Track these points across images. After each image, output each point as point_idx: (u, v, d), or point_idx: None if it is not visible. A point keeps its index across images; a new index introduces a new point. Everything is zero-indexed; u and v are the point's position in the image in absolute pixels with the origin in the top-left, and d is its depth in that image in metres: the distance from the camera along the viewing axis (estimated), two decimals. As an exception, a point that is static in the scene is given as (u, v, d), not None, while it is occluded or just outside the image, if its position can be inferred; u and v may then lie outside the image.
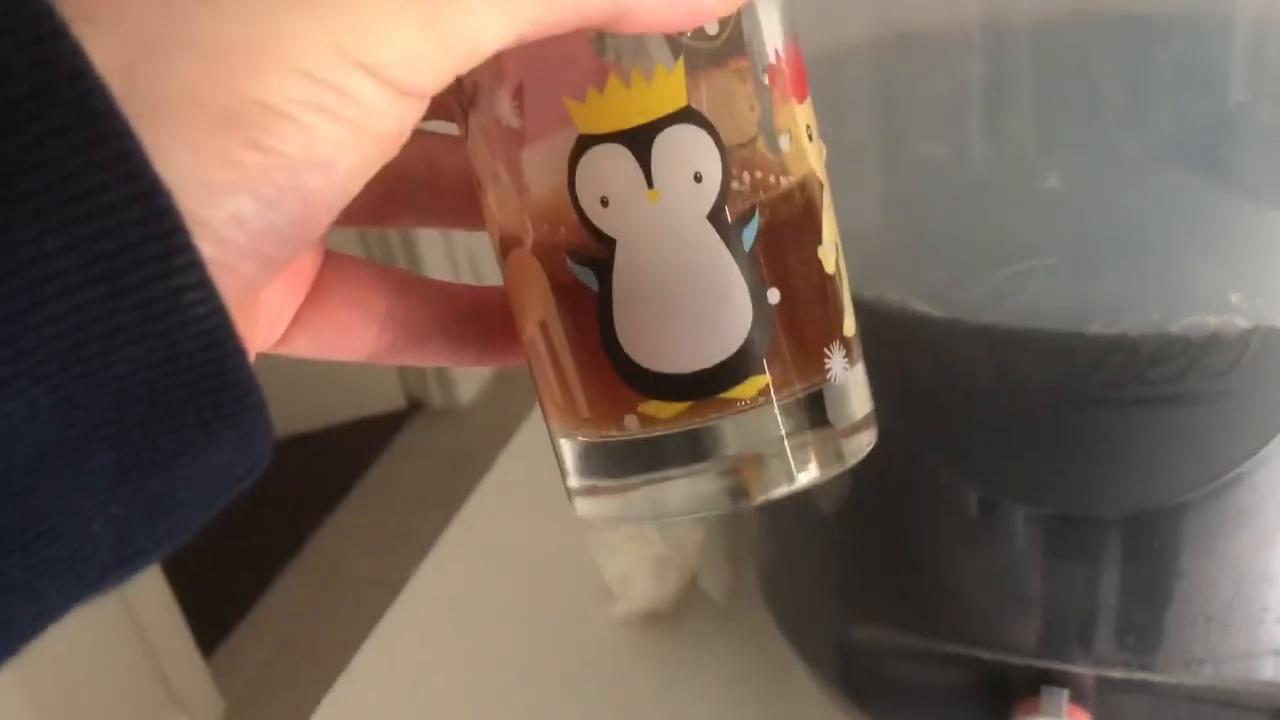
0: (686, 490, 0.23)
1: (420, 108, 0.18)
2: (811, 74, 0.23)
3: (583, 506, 0.24)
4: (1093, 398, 0.32)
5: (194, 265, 0.16)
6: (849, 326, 0.24)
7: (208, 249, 0.16)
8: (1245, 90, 0.29)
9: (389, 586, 0.67)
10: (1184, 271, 0.32)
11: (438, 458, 2.09)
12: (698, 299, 0.21)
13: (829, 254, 0.23)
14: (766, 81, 0.22)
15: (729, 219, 0.21)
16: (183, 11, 0.16)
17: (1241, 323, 0.31)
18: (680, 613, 0.59)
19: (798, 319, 0.22)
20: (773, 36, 0.22)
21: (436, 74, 0.18)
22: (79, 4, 0.16)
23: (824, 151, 0.23)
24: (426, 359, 0.26)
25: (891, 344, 0.34)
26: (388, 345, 0.25)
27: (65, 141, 0.15)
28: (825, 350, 0.23)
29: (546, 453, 0.25)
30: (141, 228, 0.15)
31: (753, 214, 0.21)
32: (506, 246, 0.23)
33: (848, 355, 0.23)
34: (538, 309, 0.23)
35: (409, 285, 0.25)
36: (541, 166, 0.22)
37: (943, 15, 0.32)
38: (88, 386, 0.15)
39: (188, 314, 0.16)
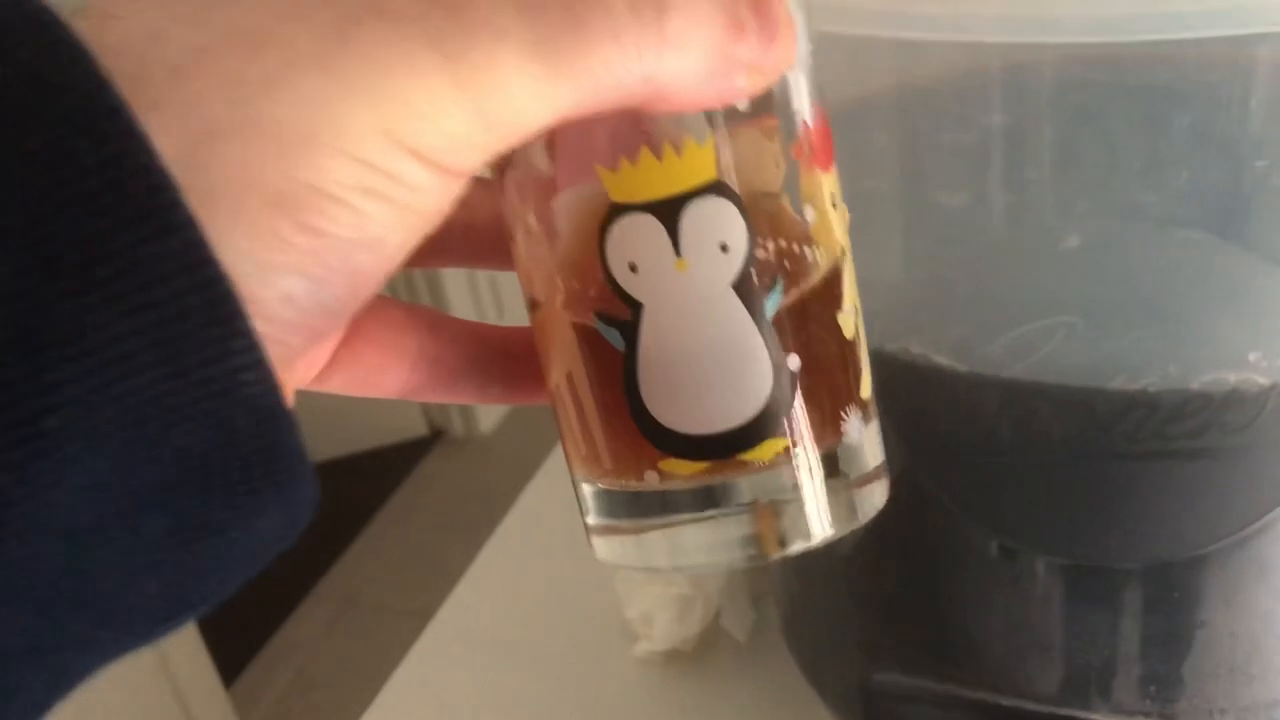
0: (703, 539, 0.23)
1: (463, 183, 0.19)
2: (834, 128, 0.24)
3: (601, 547, 0.25)
4: (1113, 451, 0.33)
5: (251, 347, 0.16)
6: (865, 388, 0.24)
7: (260, 325, 0.17)
8: (1262, 155, 0.30)
9: (410, 616, 0.67)
10: (1203, 330, 0.32)
11: (459, 486, 2.10)
12: (721, 365, 0.22)
13: (849, 320, 0.24)
14: (793, 153, 0.23)
15: (753, 288, 0.22)
16: (244, 99, 0.17)
17: (1260, 380, 0.31)
18: (702, 652, 0.59)
19: (817, 384, 0.23)
20: (801, 106, 0.23)
21: (480, 153, 0.19)
22: (146, 89, 0.16)
23: (847, 216, 0.24)
24: (455, 397, 0.27)
25: (915, 396, 0.35)
26: (419, 384, 0.26)
27: (134, 233, 0.15)
28: (842, 414, 0.23)
29: (570, 490, 0.26)
30: (203, 314, 0.16)
31: (776, 283, 0.22)
32: (536, 299, 0.24)
33: (864, 416, 0.24)
34: (564, 362, 0.24)
35: (439, 325, 0.26)
36: (573, 228, 0.23)
37: (962, 77, 0.32)
38: (148, 459, 0.16)
39: (244, 392, 0.17)
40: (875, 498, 0.24)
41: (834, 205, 0.23)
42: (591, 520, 0.25)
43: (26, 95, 0.15)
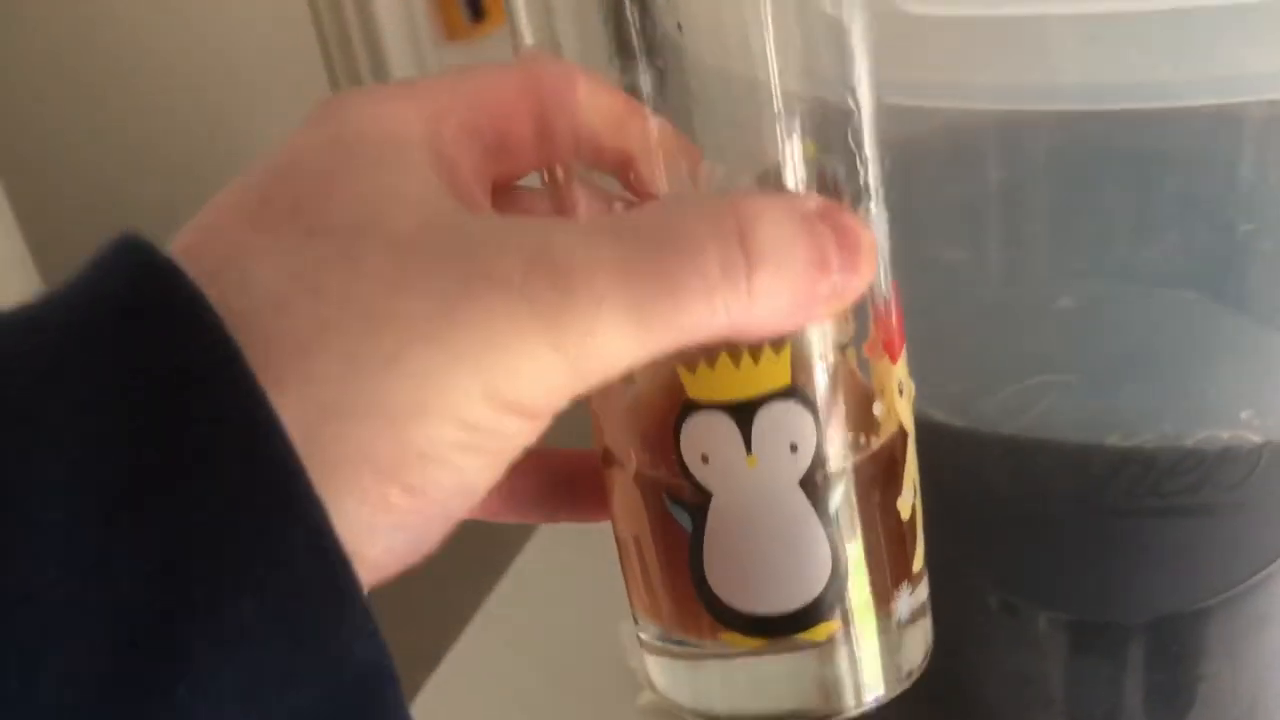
0: (757, 688, 0.24)
1: (549, 419, 0.20)
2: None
3: (654, 668, 0.26)
4: (1109, 507, 0.33)
5: (363, 617, 0.17)
6: (918, 561, 0.25)
7: (362, 573, 0.18)
8: (1250, 219, 0.30)
9: (413, 665, 0.67)
10: (1196, 388, 0.33)
11: (464, 533, 2.09)
12: (783, 554, 0.23)
13: (907, 502, 0.25)
14: (865, 351, 0.23)
15: (818, 486, 0.23)
16: (363, 377, 0.18)
17: (1253, 438, 0.32)
18: (706, 702, 0.59)
19: (872, 568, 0.24)
20: (875, 302, 0.23)
21: (569, 396, 0.20)
22: (273, 367, 0.17)
23: (913, 393, 0.25)
24: (524, 519, 0.27)
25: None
26: (494, 511, 0.26)
27: (267, 522, 0.17)
28: (895, 592, 0.24)
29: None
30: (323, 593, 0.17)
31: (841, 478, 0.23)
32: (609, 452, 0.25)
33: (913, 588, 0.25)
34: (632, 525, 0.25)
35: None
36: (649, 411, 0.23)
37: (955, 138, 0.33)
38: (261, 718, 0.17)
39: (354, 658, 0.18)
40: (918, 653, 0.26)
41: (901, 392, 0.24)
42: (645, 638, 0.26)
43: (170, 384, 0.17)
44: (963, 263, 0.34)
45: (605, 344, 0.19)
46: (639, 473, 0.24)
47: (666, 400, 0.22)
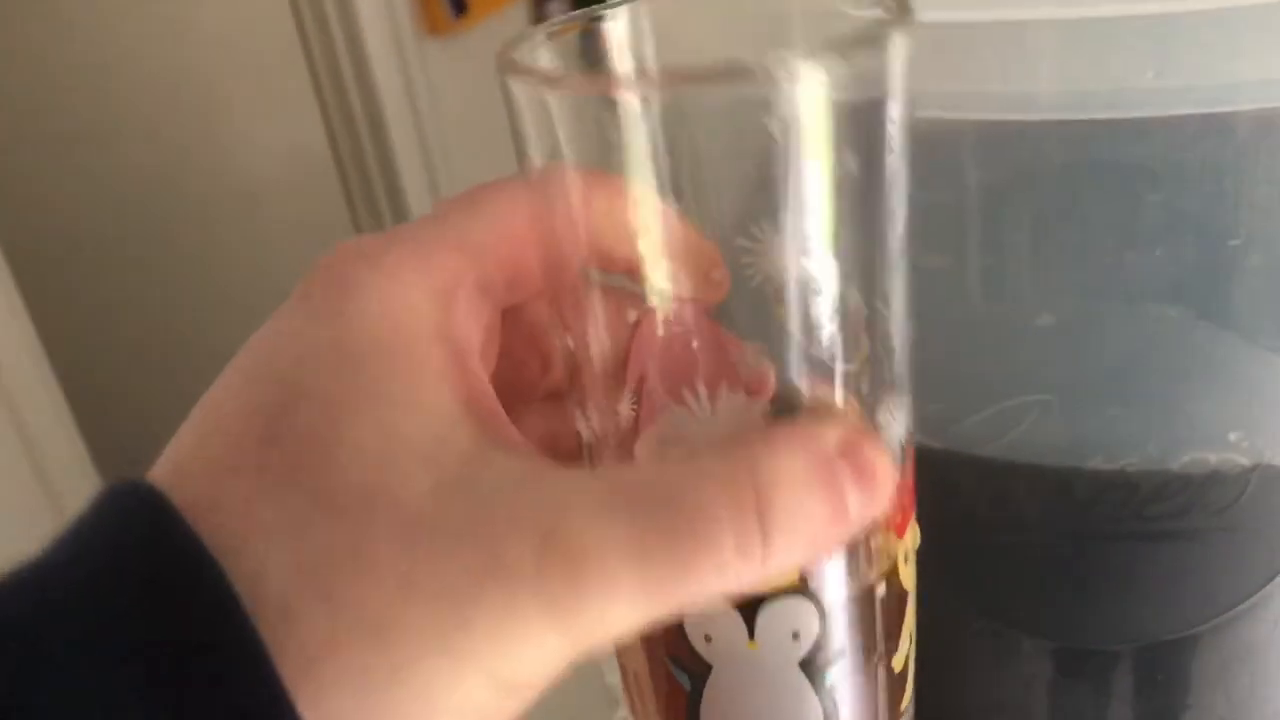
0: None
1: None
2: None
3: None
4: (1093, 532, 0.32)
5: None
6: (907, 700, 0.26)
7: None
8: (1237, 234, 0.29)
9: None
10: (1182, 409, 0.31)
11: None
12: None
13: (902, 656, 0.25)
14: (875, 541, 0.24)
15: (818, 666, 0.23)
16: (370, 689, 0.18)
17: (1242, 461, 0.30)
18: (685, 718, 0.58)
19: None
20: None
21: (568, 663, 0.20)
22: (282, 676, 0.18)
23: (918, 539, 0.25)
24: None
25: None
26: None
27: None
28: None
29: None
30: None
31: (840, 656, 0.23)
32: None
33: None
34: (633, 665, 0.25)
35: None
36: None
37: (933, 149, 0.32)
38: None
39: None
40: None
41: (905, 560, 0.25)
42: None
43: (200, 679, 0.17)
44: (940, 278, 0.32)
45: (613, 622, 0.19)
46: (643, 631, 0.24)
47: None
